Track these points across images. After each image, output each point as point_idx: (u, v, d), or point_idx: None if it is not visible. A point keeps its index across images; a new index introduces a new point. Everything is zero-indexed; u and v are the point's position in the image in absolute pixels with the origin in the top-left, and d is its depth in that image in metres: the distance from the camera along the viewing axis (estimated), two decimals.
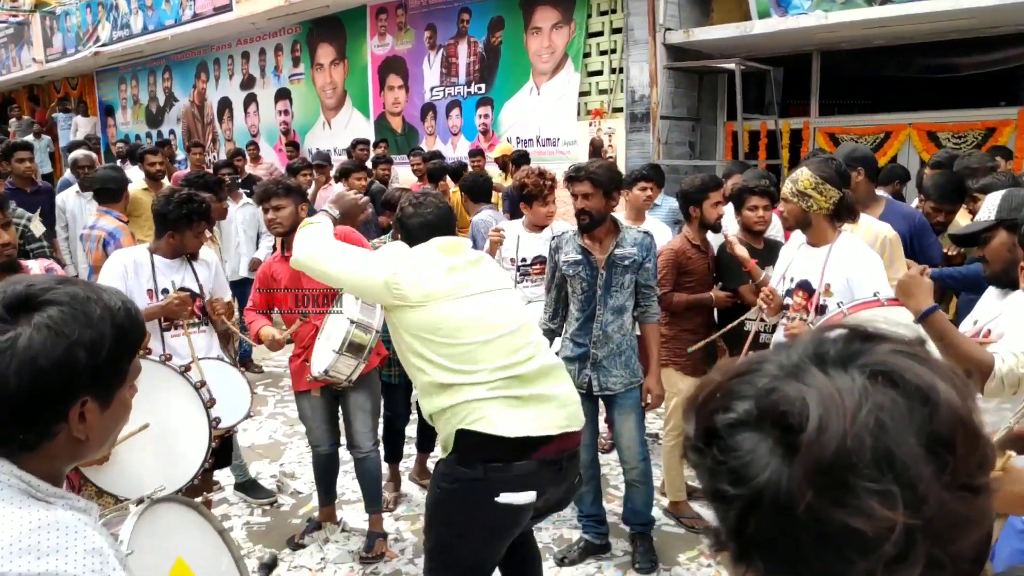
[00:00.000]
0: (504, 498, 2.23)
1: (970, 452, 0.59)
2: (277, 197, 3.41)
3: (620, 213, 3.74)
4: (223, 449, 3.44)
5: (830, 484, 0.57)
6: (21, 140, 6.35)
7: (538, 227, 3.98)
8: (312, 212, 6.61)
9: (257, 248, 6.39)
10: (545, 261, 3.86)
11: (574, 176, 3.20)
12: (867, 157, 3.74)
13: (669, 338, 3.66)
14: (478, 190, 5.11)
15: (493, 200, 7.23)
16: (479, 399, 2.25)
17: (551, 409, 2.33)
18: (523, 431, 2.25)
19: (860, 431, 0.57)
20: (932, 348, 0.69)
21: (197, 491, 3.03)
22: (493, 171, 8.01)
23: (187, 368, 2.82)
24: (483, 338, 2.30)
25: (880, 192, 3.95)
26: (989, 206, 2.41)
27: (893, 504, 0.56)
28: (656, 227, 4.24)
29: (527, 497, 2.26)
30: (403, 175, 8.62)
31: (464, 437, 2.26)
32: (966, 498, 0.58)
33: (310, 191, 7.39)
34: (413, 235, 2.52)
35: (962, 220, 3.85)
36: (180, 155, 12.13)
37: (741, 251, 3.50)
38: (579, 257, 3.25)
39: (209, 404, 2.75)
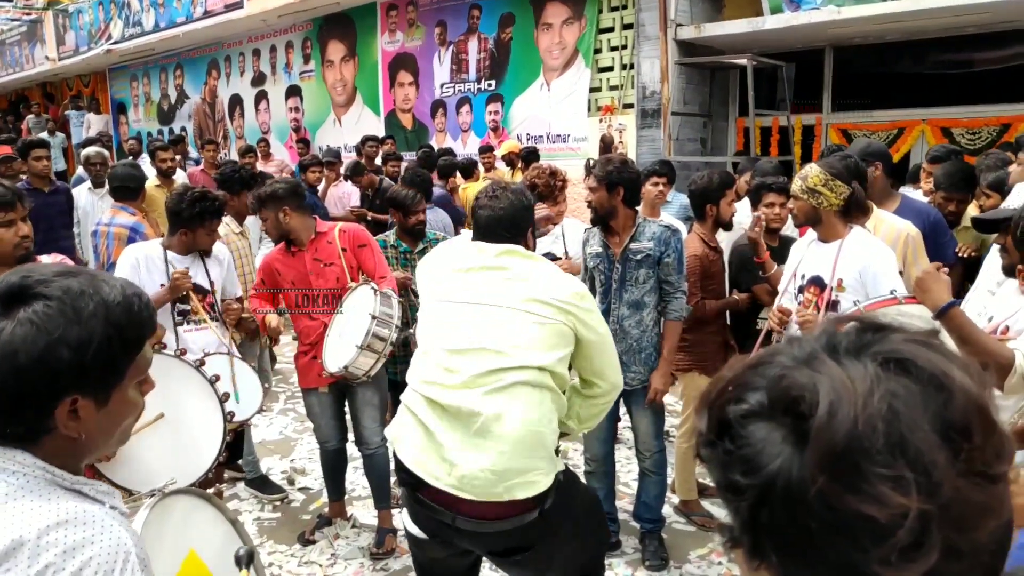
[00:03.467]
0: (403, 515, 2.19)
1: (986, 439, 0.58)
2: (258, 213, 3.47)
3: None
4: (234, 444, 3.46)
5: (842, 470, 0.56)
6: (38, 138, 6.10)
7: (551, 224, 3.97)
8: (320, 209, 6.68)
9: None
10: (556, 258, 3.85)
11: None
12: (883, 152, 3.71)
13: (693, 343, 3.60)
14: (416, 188, 5.08)
15: None
16: (405, 402, 2.19)
17: (434, 457, 2.04)
18: (403, 455, 2.11)
19: (872, 416, 0.57)
20: (947, 340, 0.69)
21: (209, 484, 3.05)
22: (501, 167, 8.03)
23: (201, 362, 2.84)
24: (425, 347, 2.16)
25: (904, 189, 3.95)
26: (1019, 194, 2.39)
27: (906, 490, 0.55)
28: (671, 223, 4.23)
29: (414, 529, 2.15)
30: None
31: None
32: (983, 485, 0.57)
33: (320, 188, 7.42)
34: (479, 226, 2.26)
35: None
36: (192, 152, 12.19)
37: (758, 238, 3.47)
38: (600, 250, 3.28)
39: (223, 398, 2.77)
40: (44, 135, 12.11)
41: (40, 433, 1.03)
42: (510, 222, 2.23)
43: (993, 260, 2.96)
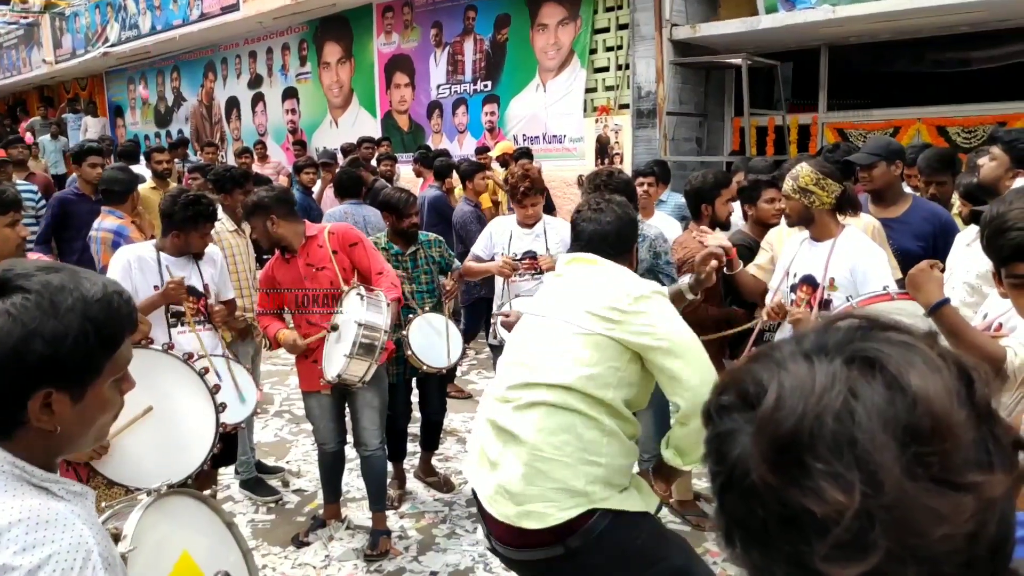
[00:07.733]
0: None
1: (946, 446, 0.56)
2: (247, 222, 3.51)
3: None
4: (227, 446, 3.45)
5: (785, 463, 0.57)
6: (96, 146, 6.01)
7: (528, 224, 3.94)
8: (315, 211, 6.66)
9: None
10: (535, 256, 3.84)
11: None
12: (904, 151, 3.83)
13: None
14: (340, 186, 5.34)
15: (499, 198, 7.25)
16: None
17: (481, 467, 2.08)
18: (466, 463, 2.20)
19: (823, 413, 0.57)
20: (944, 342, 0.68)
21: (202, 481, 3.04)
22: (496, 168, 8.02)
23: (190, 356, 2.83)
24: (503, 358, 2.21)
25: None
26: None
27: (846, 487, 0.55)
28: (665, 222, 4.22)
29: (481, 535, 2.22)
30: (405, 173, 8.62)
31: None
32: (942, 492, 0.55)
33: (316, 189, 7.41)
34: (582, 240, 2.20)
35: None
36: (191, 156, 12.19)
37: (715, 240, 3.34)
38: None
39: (214, 390, 2.76)
40: (47, 138, 12.11)
41: (14, 426, 1.03)
42: (616, 237, 2.18)
43: (959, 252, 2.97)
